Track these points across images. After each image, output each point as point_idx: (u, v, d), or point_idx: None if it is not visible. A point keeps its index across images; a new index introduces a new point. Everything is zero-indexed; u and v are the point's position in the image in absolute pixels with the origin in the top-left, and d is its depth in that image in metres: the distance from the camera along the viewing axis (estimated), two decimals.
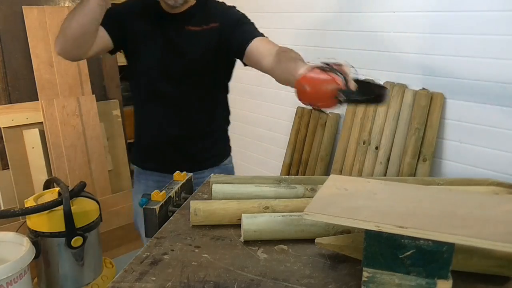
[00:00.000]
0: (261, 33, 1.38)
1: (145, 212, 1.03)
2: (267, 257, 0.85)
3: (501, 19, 1.63)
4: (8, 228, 2.10)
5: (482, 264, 0.77)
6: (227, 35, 1.38)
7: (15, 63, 2.32)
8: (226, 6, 1.47)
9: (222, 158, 1.61)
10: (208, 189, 1.16)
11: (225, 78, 1.54)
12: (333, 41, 2.23)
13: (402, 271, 0.68)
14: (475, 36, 1.71)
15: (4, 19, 2.26)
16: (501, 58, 1.64)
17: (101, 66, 2.66)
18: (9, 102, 2.31)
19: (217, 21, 1.40)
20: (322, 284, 0.75)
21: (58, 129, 2.38)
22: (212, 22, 1.40)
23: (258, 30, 1.40)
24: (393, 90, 1.99)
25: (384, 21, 2.00)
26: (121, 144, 2.72)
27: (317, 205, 0.74)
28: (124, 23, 1.39)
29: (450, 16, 1.77)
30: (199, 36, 1.39)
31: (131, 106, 1.63)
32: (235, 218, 0.96)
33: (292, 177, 1.15)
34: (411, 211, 0.73)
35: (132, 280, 0.76)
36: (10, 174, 2.27)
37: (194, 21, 1.39)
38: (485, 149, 1.75)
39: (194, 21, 1.39)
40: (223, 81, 1.54)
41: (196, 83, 1.44)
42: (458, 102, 1.81)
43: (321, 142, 2.32)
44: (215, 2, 1.47)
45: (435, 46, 1.84)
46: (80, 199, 1.93)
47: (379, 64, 2.07)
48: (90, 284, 2.00)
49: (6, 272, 1.60)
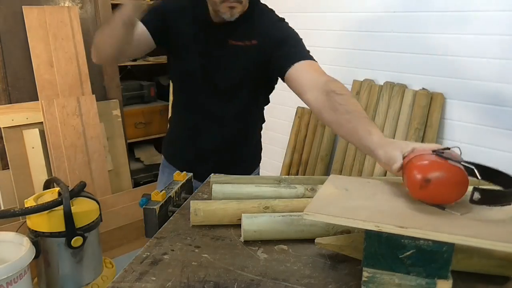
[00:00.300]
0: (307, 55, 1.22)
1: (145, 212, 1.03)
2: (267, 257, 0.85)
3: (501, 19, 1.63)
4: (8, 228, 2.10)
5: (482, 264, 0.77)
6: (266, 56, 1.25)
7: (15, 63, 2.32)
8: (272, 20, 1.31)
9: (252, 168, 1.54)
10: (208, 189, 1.16)
11: (266, 92, 1.44)
12: (334, 41, 2.23)
13: (402, 271, 0.68)
14: (475, 36, 1.71)
15: (4, 19, 2.26)
16: (501, 58, 1.65)
17: (101, 66, 2.66)
18: (9, 102, 2.31)
19: (258, 38, 1.27)
20: (322, 284, 0.75)
21: (58, 129, 2.38)
22: (253, 38, 1.27)
23: (305, 50, 1.23)
24: (393, 90, 1.99)
25: (384, 21, 2.00)
26: (121, 144, 2.72)
27: (317, 205, 0.74)
28: (167, 22, 1.29)
29: (450, 16, 1.77)
30: (240, 52, 1.28)
31: (131, 106, 1.63)
32: (235, 218, 0.96)
33: (292, 177, 1.15)
34: (411, 211, 0.73)
35: (132, 280, 0.76)
36: (10, 174, 2.27)
37: (237, 35, 1.27)
38: (485, 149, 1.75)
39: (237, 35, 1.27)
40: (264, 94, 1.44)
41: (234, 96, 1.35)
42: (458, 102, 1.81)
43: (321, 142, 2.32)
44: (263, 14, 1.31)
45: (435, 46, 1.84)
46: (80, 199, 1.94)
47: (379, 64, 2.07)
48: (90, 284, 2.00)
49: (6, 272, 1.61)
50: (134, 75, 3.53)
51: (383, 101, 2.02)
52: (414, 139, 1.86)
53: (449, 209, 0.72)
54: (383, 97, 2.02)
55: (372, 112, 2.07)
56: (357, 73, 2.16)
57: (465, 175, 0.71)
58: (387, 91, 2.01)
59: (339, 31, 2.21)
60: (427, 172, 0.72)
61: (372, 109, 2.07)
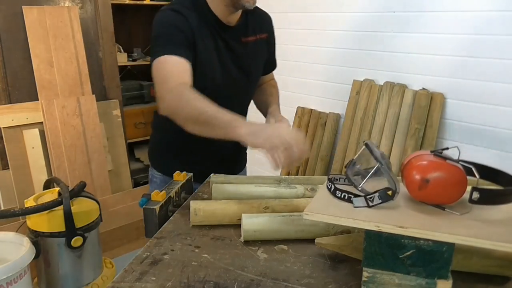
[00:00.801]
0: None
1: (145, 212, 1.03)
2: (267, 257, 0.85)
3: (501, 19, 1.63)
4: (8, 228, 2.10)
5: (482, 264, 0.77)
6: (270, 50, 1.41)
7: (15, 63, 2.32)
8: (268, 16, 1.41)
9: (245, 163, 1.59)
10: (208, 189, 1.16)
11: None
12: (334, 41, 2.23)
13: (402, 271, 0.68)
14: (475, 36, 1.71)
15: (4, 19, 2.26)
16: (501, 58, 1.65)
17: (101, 66, 2.66)
18: (9, 102, 2.31)
19: (266, 31, 1.37)
20: (322, 284, 0.75)
21: (58, 129, 2.38)
22: (263, 32, 1.36)
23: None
24: (393, 90, 1.99)
25: (384, 21, 2.00)
26: (121, 144, 2.72)
27: (317, 205, 0.74)
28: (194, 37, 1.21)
29: (450, 16, 1.77)
30: (255, 47, 1.34)
31: (131, 106, 1.63)
32: (235, 218, 0.96)
33: (292, 177, 1.15)
34: (411, 211, 0.73)
35: (132, 280, 0.76)
36: (10, 174, 2.27)
37: (249, 31, 1.32)
38: (485, 149, 1.75)
39: (249, 31, 1.32)
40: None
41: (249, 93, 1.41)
42: (458, 102, 1.81)
43: (321, 142, 2.32)
44: (259, 9, 1.37)
45: (435, 46, 1.84)
46: (80, 199, 1.93)
47: (379, 64, 2.07)
48: (90, 284, 1.99)
49: (6, 272, 1.60)
50: (134, 75, 3.53)
51: (383, 101, 2.02)
52: (414, 139, 1.86)
53: (449, 209, 0.72)
54: (383, 97, 2.02)
55: (372, 112, 2.07)
56: (357, 73, 2.16)
57: (464, 175, 0.71)
58: (387, 91, 2.01)
59: (339, 31, 2.21)
60: (426, 173, 0.72)
61: (372, 109, 2.07)
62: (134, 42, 3.65)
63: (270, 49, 1.42)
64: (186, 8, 1.22)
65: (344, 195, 0.75)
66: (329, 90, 2.32)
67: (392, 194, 0.72)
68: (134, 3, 3.32)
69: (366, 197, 0.73)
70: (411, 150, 1.86)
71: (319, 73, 2.32)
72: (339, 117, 2.29)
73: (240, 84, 1.34)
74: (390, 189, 0.72)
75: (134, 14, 3.65)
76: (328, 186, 0.79)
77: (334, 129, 2.29)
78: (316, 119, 2.36)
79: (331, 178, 0.81)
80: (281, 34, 2.46)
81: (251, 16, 1.32)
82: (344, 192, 0.75)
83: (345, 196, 0.75)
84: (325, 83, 2.33)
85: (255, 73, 1.38)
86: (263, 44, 1.37)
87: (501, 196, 0.71)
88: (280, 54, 1.47)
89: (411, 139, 1.87)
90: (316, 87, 2.37)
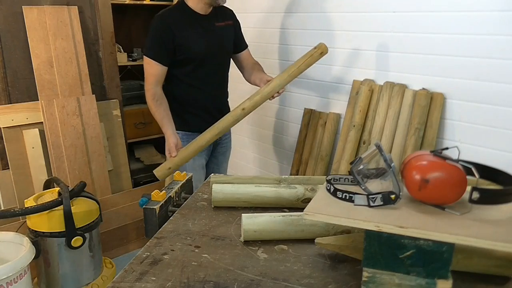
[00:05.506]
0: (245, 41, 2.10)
1: (145, 212, 1.03)
2: (267, 257, 0.85)
3: (501, 19, 1.63)
4: (8, 228, 2.10)
5: (482, 264, 0.77)
6: (236, 33, 2.03)
7: (15, 63, 2.32)
8: (231, 9, 2.03)
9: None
10: (208, 189, 1.16)
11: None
12: (334, 41, 2.23)
13: (402, 271, 0.68)
14: (475, 36, 1.71)
15: (4, 19, 2.26)
16: (501, 58, 1.65)
17: (101, 66, 2.66)
18: (9, 102, 2.31)
19: (231, 20, 2.00)
20: (322, 284, 0.75)
21: (58, 129, 2.38)
22: (228, 20, 1.98)
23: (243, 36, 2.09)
24: (393, 90, 1.99)
25: (384, 21, 2.00)
26: (121, 144, 2.72)
27: (317, 205, 0.74)
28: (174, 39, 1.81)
29: (450, 16, 1.77)
30: (224, 29, 1.95)
31: (131, 106, 1.65)
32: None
33: (292, 177, 1.15)
34: (411, 211, 0.73)
35: (132, 280, 0.76)
36: (10, 174, 2.27)
37: (219, 19, 1.93)
38: (485, 149, 1.75)
39: (219, 19, 1.93)
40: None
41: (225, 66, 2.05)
42: (458, 102, 1.81)
43: (321, 142, 2.32)
44: (224, 5, 1.95)
45: (435, 46, 1.83)
46: (80, 199, 1.94)
47: (379, 64, 2.07)
48: (90, 284, 2.00)
49: (6, 272, 1.60)
50: (134, 75, 3.53)
51: (383, 101, 2.02)
52: (414, 139, 1.86)
53: (449, 209, 0.72)
54: (383, 97, 2.02)
55: (372, 112, 2.06)
56: (357, 73, 2.16)
57: (464, 175, 0.71)
58: (387, 91, 2.01)
59: (338, 31, 2.21)
60: (425, 173, 0.72)
61: (372, 109, 2.07)
62: (134, 42, 3.65)
63: (237, 33, 2.03)
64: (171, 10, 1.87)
65: (345, 195, 0.75)
66: (329, 90, 2.32)
67: (395, 198, 0.72)
68: (134, 3, 3.32)
69: (369, 197, 0.73)
70: (411, 150, 1.86)
71: (319, 73, 2.32)
72: (339, 117, 2.29)
73: (218, 55, 1.95)
74: (394, 193, 0.72)
75: (134, 14, 3.65)
76: (327, 188, 0.80)
77: (334, 129, 2.29)
78: (316, 119, 2.36)
79: (330, 179, 0.81)
80: (282, 34, 2.46)
81: (219, 9, 1.94)
82: (344, 192, 0.75)
83: (346, 196, 0.75)
84: (325, 83, 2.33)
85: (228, 47, 2.00)
86: (231, 28, 1.99)
87: (501, 196, 0.71)
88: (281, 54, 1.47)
89: (411, 139, 1.87)
90: (316, 87, 2.38)
